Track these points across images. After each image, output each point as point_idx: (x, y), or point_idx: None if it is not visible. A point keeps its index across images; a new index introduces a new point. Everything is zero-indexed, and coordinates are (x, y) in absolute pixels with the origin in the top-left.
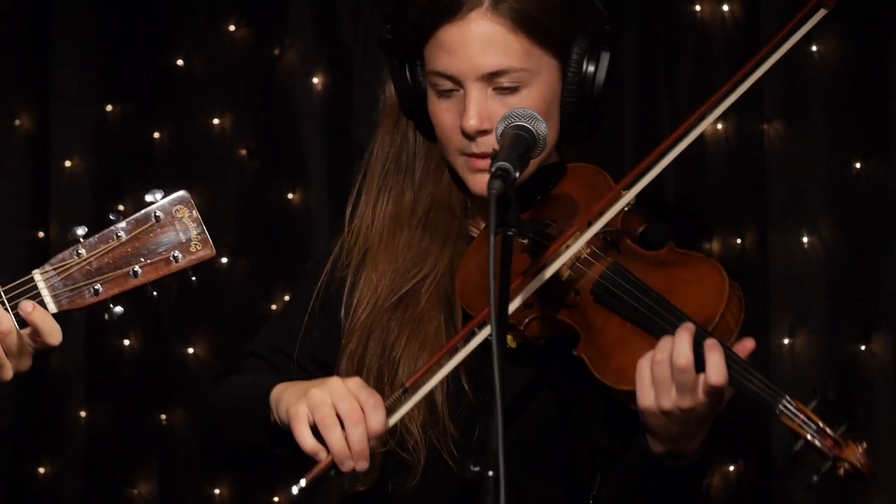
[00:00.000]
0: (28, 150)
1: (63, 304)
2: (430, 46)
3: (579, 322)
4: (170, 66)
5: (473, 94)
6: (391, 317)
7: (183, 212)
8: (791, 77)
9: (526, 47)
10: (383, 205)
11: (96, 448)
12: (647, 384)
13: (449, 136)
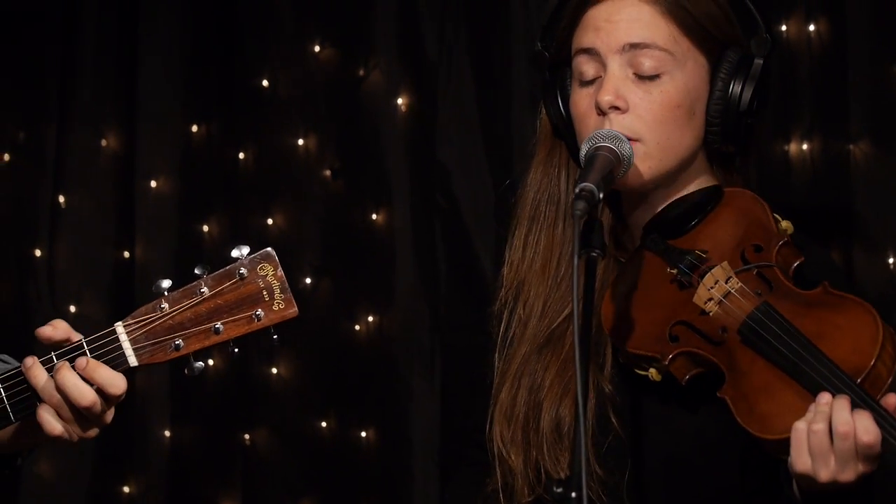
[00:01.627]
0: (114, 169)
1: (144, 357)
2: (577, 34)
3: (725, 361)
4: (254, 87)
5: (612, 68)
6: (538, 358)
7: (267, 269)
8: (877, 96)
9: (674, 33)
10: (535, 237)
11: (180, 467)
12: (804, 450)
13: (584, 123)
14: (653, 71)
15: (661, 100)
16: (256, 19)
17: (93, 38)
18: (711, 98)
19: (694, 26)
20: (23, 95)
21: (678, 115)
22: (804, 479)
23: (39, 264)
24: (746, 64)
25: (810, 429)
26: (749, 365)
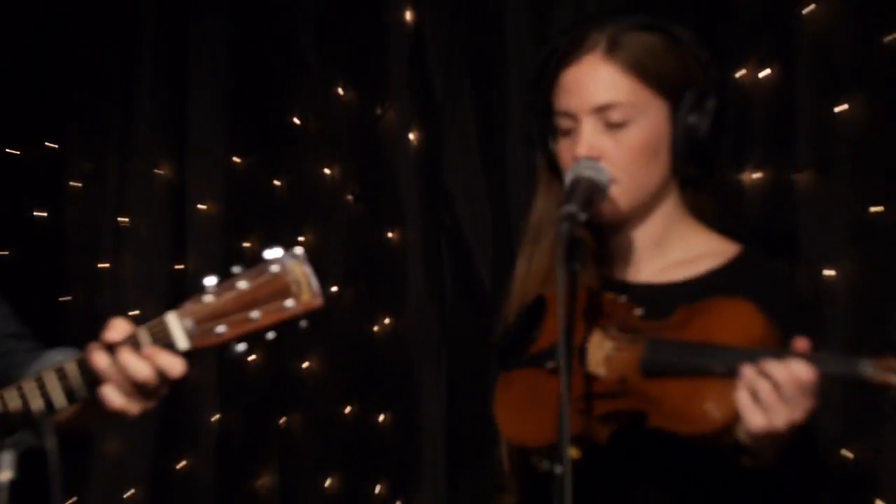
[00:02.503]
0: (168, 195)
1: (193, 342)
2: (555, 93)
3: (638, 402)
4: (287, 124)
5: (585, 126)
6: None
7: (296, 266)
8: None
9: (635, 87)
10: (538, 256)
11: (226, 447)
12: (755, 411)
13: (566, 164)
14: (620, 121)
15: (630, 145)
16: (290, 66)
17: (149, 83)
18: (675, 134)
19: (652, 78)
20: (90, 133)
21: (646, 156)
22: (756, 441)
23: (105, 275)
24: (702, 101)
25: (756, 387)
26: (662, 391)
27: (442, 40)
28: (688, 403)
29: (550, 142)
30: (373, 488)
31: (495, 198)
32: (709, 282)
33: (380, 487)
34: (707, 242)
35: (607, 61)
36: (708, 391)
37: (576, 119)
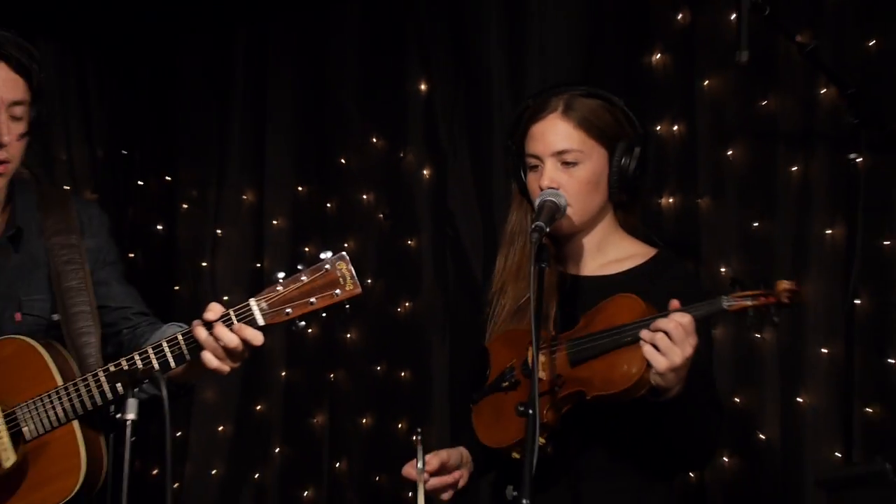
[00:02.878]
0: (250, 213)
1: (267, 319)
2: (526, 140)
3: (575, 386)
4: (337, 163)
5: (548, 165)
6: (510, 323)
7: (342, 264)
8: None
9: (582, 137)
10: (511, 255)
11: (291, 394)
12: (658, 356)
13: (534, 193)
14: (573, 161)
15: (579, 179)
16: (338, 121)
17: (238, 132)
18: (611, 172)
19: (595, 130)
20: (195, 169)
21: (590, 188)
22: (664, 378)
23: (205, 272)
24: (630, 149)
25: (654, 340)
26: (590, 371)
27: (446, 103)
28: (610, 372)
29: (522, 173)
30: (397, 424)
31: (485, 216)
32: (635, 274)
33: (402, 424)
34: (633, 247)
35: (564, 118)
36: (621, 358)
37: (541, 159)
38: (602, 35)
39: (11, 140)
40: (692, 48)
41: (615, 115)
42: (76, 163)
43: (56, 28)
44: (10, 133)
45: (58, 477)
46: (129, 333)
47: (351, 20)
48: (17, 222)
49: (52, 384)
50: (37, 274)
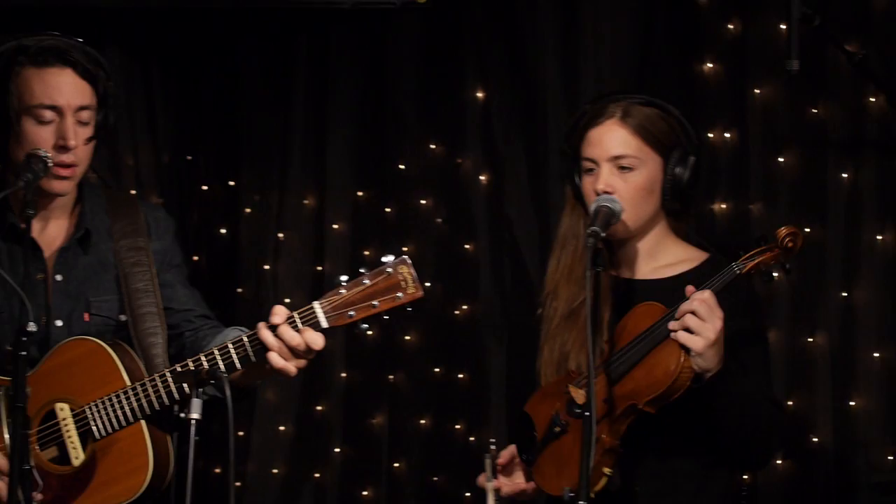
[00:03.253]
0: (312, 217)
1: (330, 322)
2: (583, 144)
3: (625, 401)
4: (396, 168)
5: (604, 169)
6: (563, 328)
7: (403, 268)
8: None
9: (639, 144)
10: (563, 258)
11: (351, 395)
12: (693, 339)
13: (588, 199)
14: (628, 166)
15: (633, 185)
16: (398, 127)
17: (299, 139)
18: (665, 180)
19: (651, 138)
20: (258, 174)
21: (644, 194)
22: (704, 357)
23: (267, 275)
24: (685, 158)
25: (684, 323)
26: (632, 382)
27: (503, 110)
28: (651, 374)
29: (576, 178)
30: (454, 426)
31: (541, 221)
32: (687, 277)
33: (459, 425)
34: (686, 251)
35: (622, 125)
36: (657, 357)
37: (597, 163)
38: (654, 44)
39: (79, 144)
40: (743, 57)
41: (671, 124)
42: (142, 168)
43: (124, 37)
44: (77, 137)
45: (125, 475)
46: (191, 336)
47: (410, 28)
48: (86, 225)
49: (121, 384)
50: (105, 276)
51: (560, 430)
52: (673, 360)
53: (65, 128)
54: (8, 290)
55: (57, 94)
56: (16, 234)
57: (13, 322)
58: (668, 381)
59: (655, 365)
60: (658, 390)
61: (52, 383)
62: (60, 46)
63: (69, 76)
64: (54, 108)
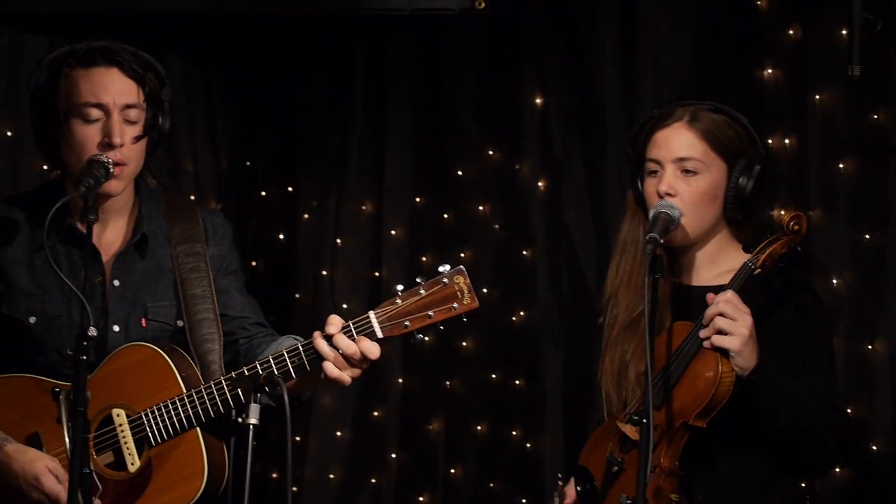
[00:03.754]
0: (368, 223)
1: (385, 332)
2: (648, 146)
3: (675, 422)
4: (454, 174)
5: (668, 171)
6: (622, 337)
7: (460, 278)
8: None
9: (705, 148)
10: (623, 264)
11: (407, 401)
12: (725, 338)
13: (650, 201)
14: (692, 170)
15: (696, 189)
16: (456, 134)
17: (357, 145)
18: (728, 188)
19: (717, 144)
20: (316, 180)
21: (707, 199)
22: (742, 356)
23: (325, 280)
24: (750, 167)
25: (715, 325)
26: (677, 401)
27: (560, 116)
28: (694, 387)
29: (639, 182)
30: (511, 432)
31: (598, 227)
32: (750, 283)
33: (516, 431)
34: (745, 258)
35: (689, 128)
36: (696, 370)
37: (661, 165)
38: (714, 50)
39: (125, 142)
40: (804, 63)
41: (738, 132)
42: (201, 173)
43: (184, 43)
44: (124, 136)
45: (181, 482)
46: (245, 343)
47: (469, 34)
48: (143, 230)
49: (177, 391)
50: (163, 281)
51: (618, 469)
52: (711, 368)
53: (111, 125)
54: (67, 295)
55: (103, 93)
56: (75, 237)
57: (72, 326)
58: (712, 389)
59: (696, 378)
60: (704, 401)
61: (108, 389)
62: (108, 47)
63: (115, 75)
64: (100, 107)
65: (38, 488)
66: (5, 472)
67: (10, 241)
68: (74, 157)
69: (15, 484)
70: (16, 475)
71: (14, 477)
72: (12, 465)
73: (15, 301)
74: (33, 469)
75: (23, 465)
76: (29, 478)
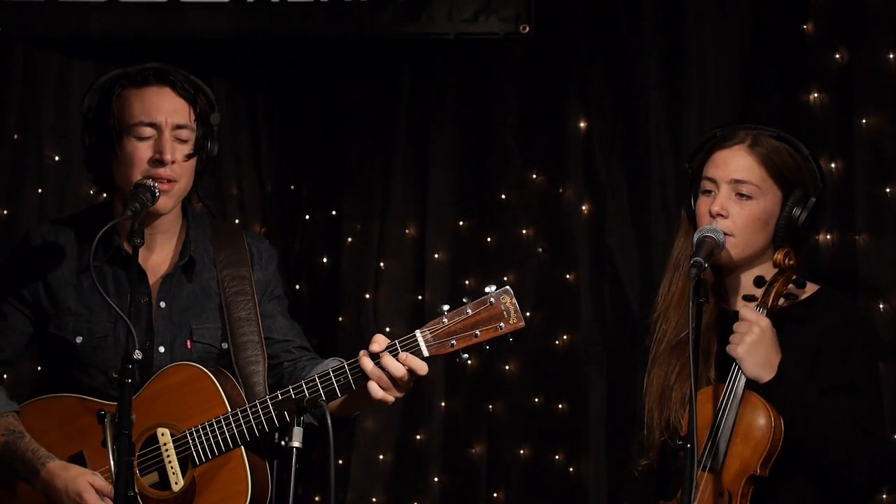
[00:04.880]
0: (413, 247)
1: (432, 351)
2: (706, 165)
3: (741, 478)
4: (497, 198)
5: (722, 191)
6: (668, 358)
7: (506, 298)
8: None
9: (763, 174)
10: (675, 281)
11: (450, 424)
12: (731, 346)
13: (702, 220)
14: (747, 194)
15: (749, 213)
16: (499, 158)
17: (401, 169)
18: (781, 216)
19: (776, 171)
20: (360, 203)
21: (758, 224)
22: (746, 364)
23: (368, 303)
24: (805, 199)
25: (737, 340)
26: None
27: (605, 140)
28: (752, 437)
29: (692, 200)
30: (554, 456)
31: (642, 251)
32: (798, 309)
33: (559, 455)
34: (794, 284)
35: (749, 152)
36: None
37: (717, 184)
38: (759, 74)
39: (176, 160)
40: (850, 86)
41: (798, 162)
42: (246, 197)
43: (229, 68)
44: (175, 153)
45: (224, 501)
46: (290, 366)
47: (512, 58)
48: (190, 252)
49: (222, 410)
50: (209, 304)
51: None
52: (762, 415)
53: (162, 143)
54: (114, 316)
55: (155, 112)
56: (122, 259)
57: (118, 347)
58: (770, 433)
59: (749, 429)
60: (765, 448)
61: (153, 408)
62: (161, 68)
63: (167, 94)
64: (153, 125)
65: None
66: (48, 489)
67: (59, 262)
68: (125, 176)
69: (57, 500)
70: (58, 492)
71: (57, 493)
72: (55, 481)
73: (62, 321)
74: (76, 485)
75: (65, 481)
76: (72, 494)
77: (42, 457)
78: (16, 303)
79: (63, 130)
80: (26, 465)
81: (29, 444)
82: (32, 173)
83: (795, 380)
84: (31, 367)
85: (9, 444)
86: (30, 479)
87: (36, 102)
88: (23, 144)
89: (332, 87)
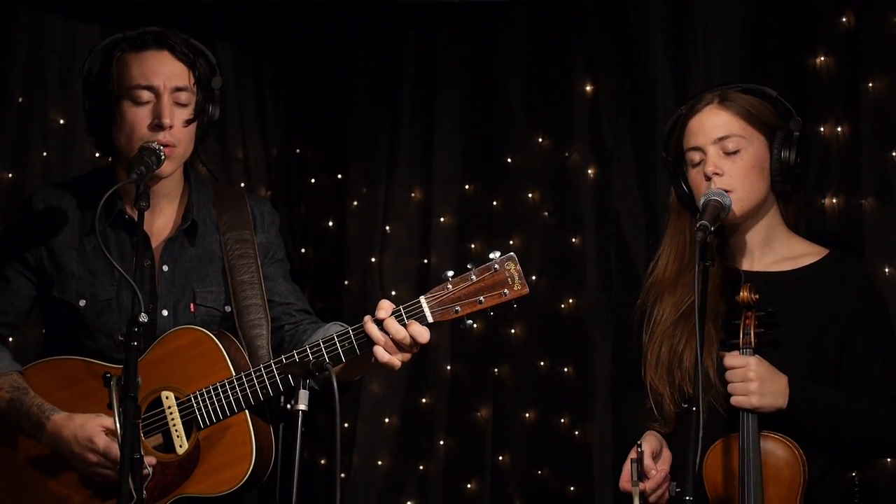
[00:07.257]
0: (417, 211)
1: (436, 317)
2: (685, 138)
3: None
4: (503, 162)
5: (710, 153)
6: (674, 330)
7: (510, 265)
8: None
9: (742, 124)
10: (670, 261)
11: (456, 388)
12: (743, 399)
13: (699, 189)
14: (734, 149)
15: (742, 165)
16: (505, 122)
17: (407, 133)
18: (772, 160)
19: (753, 118)
20: (366, 167)
21: (754, 173)
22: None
23: (374, 268)
24: (789, 137)
25: (740, 392)
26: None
27: (611, 104)
28: (782, 478)
29: (682, 183)
30: (559, 419)
31: (648, 215)
32: (811, 271)
33: (564, 419)
34: (803, 246)
35: (722, 108)
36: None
37: (703, 150)
38: (765, 38)
39: (175, 124)
40: (856, 50)
41: (770, 107)
42: (252, 161)
43: (234, 31)
44: (174, 117)
45: (229, 465)
46: (291, 329)
47: (518, 22)
48: (193, 216)
49: (226, 374)
50: (211, 267)
51: None
52: (787, 454)
53: (161, 107)
54: (117, 279)
55: (153, 75)
56: (124, 222)
57: (121, 310)
58: (799, 466)
59: (777, 470)
60: (800, 484)
61: (158, 372)
62: (160, 32)
63: (166, 58)
64: (151, 89)
65: (92, 449)
66: (56, 441)
67: (61, 225)
68: (125, 140)
69: (68, 450)
70: (67, 441)
71: (66, 443)
72: (62, 431)
73: (65, 284)
74: (84, 431)
75: (73, 430)
76: (82, 440)
77: (47, 410)
78: (19, 266)
79: (67, 94)
80: (31, 420)
81: (34, 398)
82: (37, 137)
83: (808, 385)
84: (36, 332)
85: (13, 400)
86: (35, 434)
87: (40, 66)
88: (27, 108)
89: (338, 52)
